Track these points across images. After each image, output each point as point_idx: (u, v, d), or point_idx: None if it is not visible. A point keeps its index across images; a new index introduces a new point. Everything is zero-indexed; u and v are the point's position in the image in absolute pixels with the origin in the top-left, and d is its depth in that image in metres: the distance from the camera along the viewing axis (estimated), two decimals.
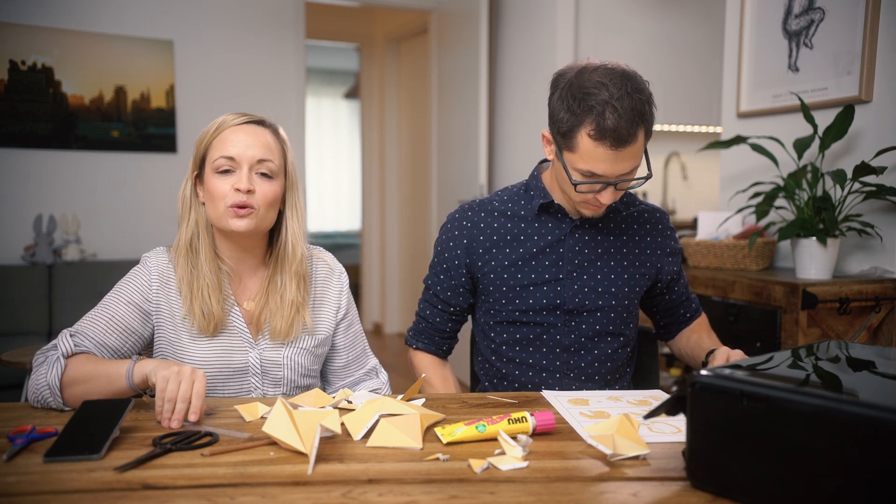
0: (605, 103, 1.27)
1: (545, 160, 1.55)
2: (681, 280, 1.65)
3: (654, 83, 1.36)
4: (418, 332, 1.63)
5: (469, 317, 1.66)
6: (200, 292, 1.33)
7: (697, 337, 1.64)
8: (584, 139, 1.30)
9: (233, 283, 1.40)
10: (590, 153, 1.31)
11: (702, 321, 1.70)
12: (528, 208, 1.53)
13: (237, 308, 1.39)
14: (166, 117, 3.97)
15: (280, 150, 1.39)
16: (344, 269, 1.54)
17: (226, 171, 1.32)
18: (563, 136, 1.34)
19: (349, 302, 1.52)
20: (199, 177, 1.38)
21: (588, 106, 1.28)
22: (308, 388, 1.45)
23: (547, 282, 1.50)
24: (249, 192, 1.32)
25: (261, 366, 1.39)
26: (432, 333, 1.61)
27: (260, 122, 1.38)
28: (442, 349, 1.63)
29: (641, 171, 1.38)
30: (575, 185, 1.35)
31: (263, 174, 1.34)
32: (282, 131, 1.42)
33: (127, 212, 3.93)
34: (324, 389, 1.53)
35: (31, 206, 3.72)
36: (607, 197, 1.37)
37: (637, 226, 1.56)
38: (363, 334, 1.55)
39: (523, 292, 1.50)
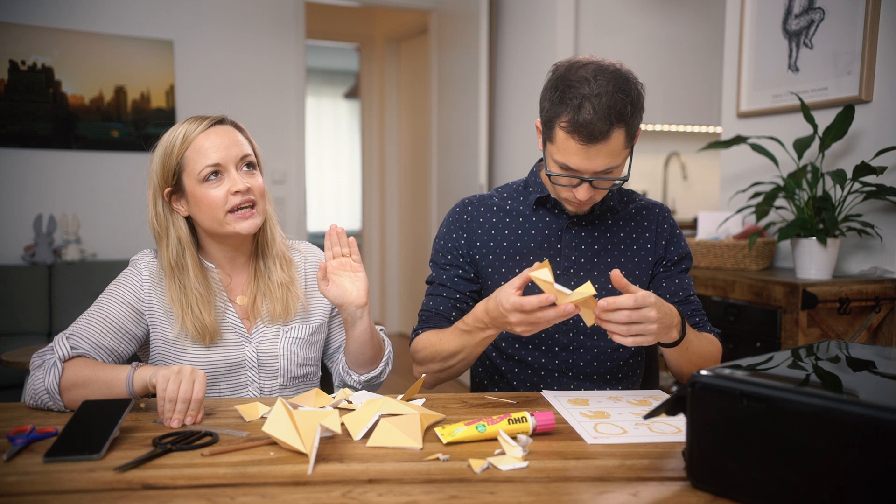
0: (584, 98, 1.28)
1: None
2: (675, 282, 1.52)
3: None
4: (422, 322, 1.56)
5: None
6: (191, 308, 1.33)
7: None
8: (559, 131, 1.32)
9: (223, 282, 1.42)
10: (564, 145, 1.32)
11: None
12: (526, 203, 1.54)
13: (231, 306, 1.40)
14: (166, 117, 3.97)
15: (248, 142, 1.41)
16: None
17: (213, 178, 1.33)
18: (545, 125, 1.37)
19: None
20: (174, 192, 1.37)
21: (566, 98, 1.30)
22: (304, 377, 1.45)
23: None
24: (248, 189, 1.34)
25: (257, 359, 1.39)
26: (437, 321, 1.53)
27: (221, 122, 1.40)
28: None
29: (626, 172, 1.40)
30: (549, 175, 1.38)
31: (249, 165, 1.37)
32: (240, 124, 1.43)
33: (127, 212, 3.93)
34: (330, 371, 1.54)
35: (31, 206, 3.72)
36: (582, 192, 1.36)
37: (634, 223, 1.54)
38: None
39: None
